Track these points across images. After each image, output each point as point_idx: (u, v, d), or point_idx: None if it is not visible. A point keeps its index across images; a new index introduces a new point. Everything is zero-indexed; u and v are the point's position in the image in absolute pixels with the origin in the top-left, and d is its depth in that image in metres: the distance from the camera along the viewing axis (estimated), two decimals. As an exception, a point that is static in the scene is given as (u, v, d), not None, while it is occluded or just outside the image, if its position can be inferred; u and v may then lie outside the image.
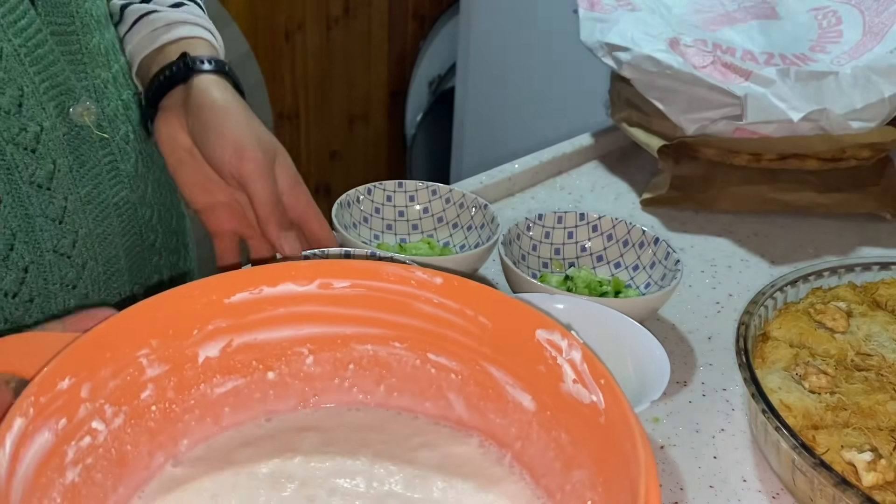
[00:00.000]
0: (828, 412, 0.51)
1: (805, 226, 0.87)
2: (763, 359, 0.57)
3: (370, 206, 0.75)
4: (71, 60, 0.57)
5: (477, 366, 0.42)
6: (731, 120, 0.84)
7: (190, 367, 0.41)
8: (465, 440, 0.43)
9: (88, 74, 0.59)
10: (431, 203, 0.77)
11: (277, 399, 0.44)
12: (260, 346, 0.42)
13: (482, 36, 1.93)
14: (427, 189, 0.77)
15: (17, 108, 0.53)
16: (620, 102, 0.97)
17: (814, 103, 0.80)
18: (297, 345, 0.43)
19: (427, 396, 0.44)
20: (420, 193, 0.77)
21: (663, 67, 0.85)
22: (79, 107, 0.57)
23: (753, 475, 0.52)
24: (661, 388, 0.50)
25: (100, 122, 0.59)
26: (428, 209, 0.77)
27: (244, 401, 0.43)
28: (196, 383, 0.41)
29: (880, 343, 0.58)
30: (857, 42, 0.86)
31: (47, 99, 0.55)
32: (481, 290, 0.40)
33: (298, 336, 0.43)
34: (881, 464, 0.47)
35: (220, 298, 0.40)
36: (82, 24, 0.58)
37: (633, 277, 0.71)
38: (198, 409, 0.42)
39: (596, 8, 0.94)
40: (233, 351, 0.42)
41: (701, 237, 0.84)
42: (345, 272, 0.41)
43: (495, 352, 0.41)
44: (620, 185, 0.95)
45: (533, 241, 0.73)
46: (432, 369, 0.43)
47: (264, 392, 0.43)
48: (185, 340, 0.40)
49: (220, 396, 0.42)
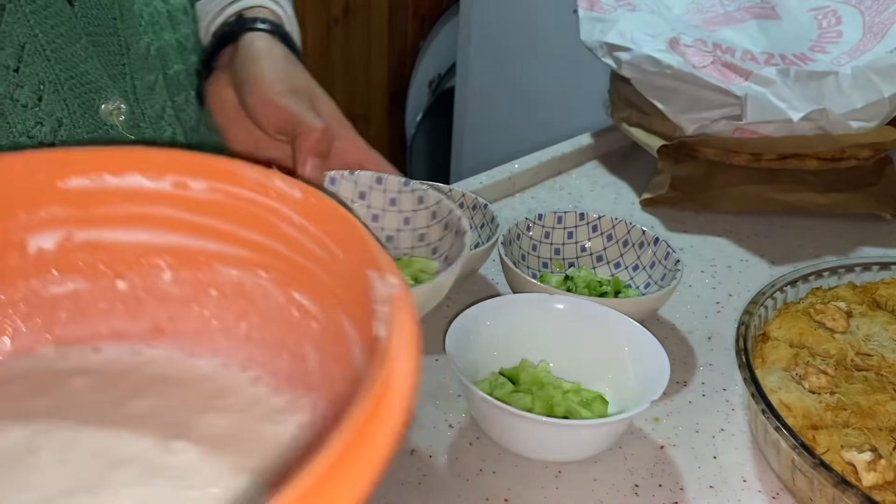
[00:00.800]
0: (828, 412, 0.51)
1: (805, 226, 0.87)
2: (763, 359, 0.57)
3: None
4: (107, 61, 0.57)
5: (334, 314, 0.33)
6: (731, 120, 0.84)
7: (17, 257, 0.36)
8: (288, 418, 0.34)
9: (129, 76, 0.58)
10: (431, 203, 0.77)
11: (127, 317, 0.38)
12: (108, 248, 0.37)
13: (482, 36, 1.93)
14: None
15: (35, 102, 0.53)
16: (620, 102, 0.97)
17: (814, 103, 0.80)
18: (154, 254, 0.37)
19: (286, 346, 0.36)
20: (420, 193, 0.77)
21: (663, 67, 0.85)
22: (109, 105, 0.56)
23: (753, 475, 0.52)
24: (661, 388, 0.50)
25: (137, 123, 0.59)
26: (428, 209, 0.77)
27: (86, 309, 0.38)
28: (24, 276, 0.36)
29: (880, 343, 0.58)
30: (857, 42, 0.86)
31: (72, 96, 0.54)
32: (335, 212, 0.33)
33: (155, 244, 0.37)
34: (881, 464, 0.47)
35: (50, 179, 0.35)
36: (127, 26, 0.58)
37: (632, 277, 0.71)
38: (24, 306, 0.36)
39: (596, 8, 0.94)
40: (74, 247, 0.36)
41: (701, 237, 0.84)
42: (200, 170, 0.36)
43: (347, 299, 0.32)
44: (620, 185, 0.95)
45: (533, 241, 0.73)
46: (296, 312, 0.35)
47: (111, 303, 0.38)
48: (8, 222, 0.35)
49: (55, 297, 0.37)
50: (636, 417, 0.55)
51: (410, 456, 0.51)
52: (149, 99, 0.60)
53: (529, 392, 0.54)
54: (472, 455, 0.52)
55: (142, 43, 0.59)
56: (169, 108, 0.62)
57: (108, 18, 0.56)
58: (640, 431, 0.55)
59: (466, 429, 0.54)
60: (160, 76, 0.61)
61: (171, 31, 0.63)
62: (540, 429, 0.49)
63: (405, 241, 0.59)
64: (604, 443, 0.51)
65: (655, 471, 0.52)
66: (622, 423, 0.50)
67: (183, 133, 0.64)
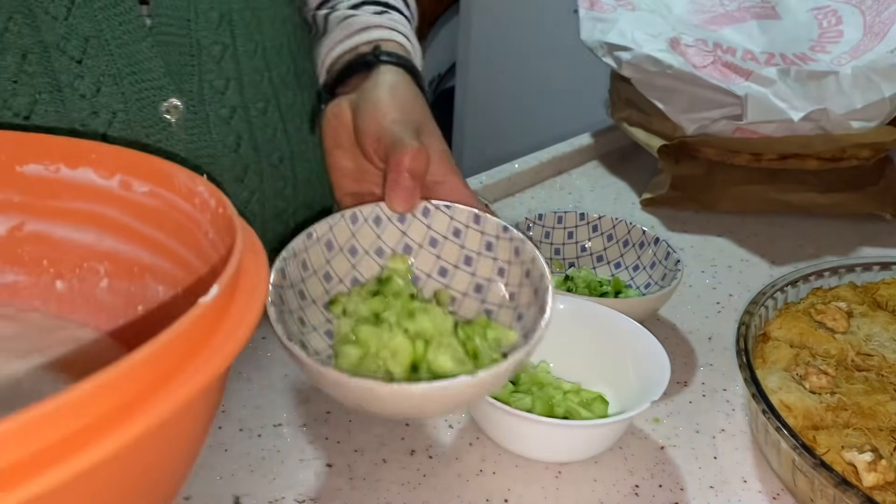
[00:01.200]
0: (828, 412, 0.51)
1: (805, 226, 0.87)
2: (763, 359, 0.57)
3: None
4: (175, 60, 0.58)
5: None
6: (732, 120, 0.84)
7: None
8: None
9: (196, 77, 0.59)
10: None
11: (58, 316, 0.39)
12: (56, 244, 0.38)
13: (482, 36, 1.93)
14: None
15: (94, 93, 0.55)
16: (620, 102, 0.97)
17: (814, 103, 0.80)
18: (96, 259, 0.38)
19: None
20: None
21: (663, 67, 0.84)
22: (166, 103, 0.58)
23: (754, 476, 0.52)
24: (662, 388, 0.50)
25: (198, 124, 0.60)
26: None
27: (20, 303, 0.38)
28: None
29: (881, 343, 0.58)
30: (858, 42, 0.85)
31: (131, 91, 0.56)
32: (235, 224, 0.34)
33: (99, 248, 0.38)
34: (881, 464, 0.47)
35: (10, 161, 0.36)
36: (201, 28, 0.59)
37: (633, 278, 0.71)
38: None
39: (596, 7, 0.93)
40: (23, 237, 0.37)
41: (701, 237, 0.84)
42: (144, 173, 0.37)
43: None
44: (620, 184, 0.95)
45: (533, 241, 0.73)
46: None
47: (46, 302, 0.38)
48: None
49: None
50: (636, 418, 0.55)
51: (410, 456, 0.51)
52: (217, 102, 0.61)
53: (529, 392, 0.54)
54: (472, 455, 0.52)
55: (215, 47, 0.60)
56: (240, 113, 0.63)
57: (182, 19, 0.58)
58: (641, 432, 0.55)
59: (466, 429, 0.54)
60: (233, 81, 0.62)
61: (250, 39, 0.63)
62: (540, 429, 0.49)
63: (493, 295, 0.51)
64: (604, 443, 0.51)
65: (656, 471, 0.52)
66: (622, 423, 0.50)
67: (252, 142, 0.64)
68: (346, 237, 0.51)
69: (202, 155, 0.61)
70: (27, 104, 0.53)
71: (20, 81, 0.53)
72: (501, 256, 0.51)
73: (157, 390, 0.24)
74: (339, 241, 0.50)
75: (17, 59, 0.53)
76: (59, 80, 0.54)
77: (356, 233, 0.51)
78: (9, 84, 0.53)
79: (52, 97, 0.54)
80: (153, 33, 0.56)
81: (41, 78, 0.53)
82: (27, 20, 0.52)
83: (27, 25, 0.52)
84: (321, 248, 0.49)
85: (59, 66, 0.53)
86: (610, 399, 0.55)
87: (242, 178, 0.64)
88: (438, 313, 0.47)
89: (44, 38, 0.53)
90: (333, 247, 0.50)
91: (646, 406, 0.49)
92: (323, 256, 0.49)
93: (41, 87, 0.54)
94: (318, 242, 0.49)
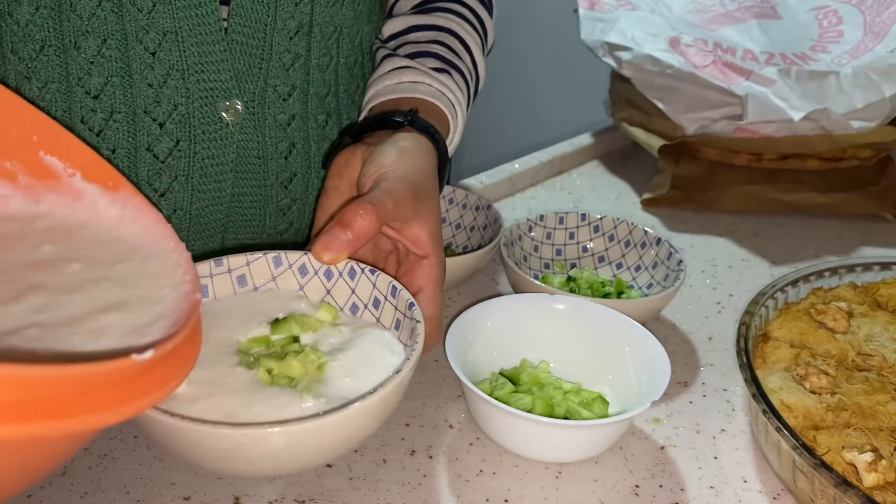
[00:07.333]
0: (828, 413, 0.51)
1: (806, 226, 0.87)
2: (764, 359, 0.57)
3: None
4: (244, 62, 0.60)
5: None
6: (732, 119, 0.84)
7: None
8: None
9: (262, 80, 0.61)
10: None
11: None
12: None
13: (482, 36, 1.92)
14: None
15: (160, 84, 0.58)
16: (621, 102, 0.97)
17: (814, 103, 0.80)
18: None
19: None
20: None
21: (664, 67, 0.85)
22: (226, 103, 0.60)
23: (754, 476, 0.52)
24: (662, 388, 0.50)
25: (255, 126, 0.61)
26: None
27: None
28: None
29: (881, 343, 0.58)
30: (858, 42, 0.86)
31: (195, 87, 0.59)
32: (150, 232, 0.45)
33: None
34: (882, 464, 0.47)
35: (36, 146, 0.44)
36: (278, 34, 0.60)
37: (635, 278, 0.71)
38: None
39: (596, 7, 0.94)
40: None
41: (701, 237, 0.84)
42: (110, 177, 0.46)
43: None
44: (621, 185, 0.95)
45: (534, 241, 0.73)
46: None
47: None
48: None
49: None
50: (637, 418, 0.55)
51: (410, 456, 0.51)
52: (277, 108, 0.62)
53: (530, 392, 0.54)
54: (472, 455, 0.52)
55: (287, 55, 0.61)
56: (299, 122, 0.64)
57: (260, 24, 0.59)
58: (641, 432, 0.55)
59: (466, 429, 0.54)
60: (297, 90, 0.63)
61: (326, 53, 0.64)
62: (540, 429, 0.49)
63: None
64: (604, 443, 0.51)
65: (656, 471, 0.52)
66: (623, 423, 0.50)
67: (306, 152, 0.65)
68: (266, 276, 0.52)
69: (252, 157, 0.62)
70: (99, 84, 0.57)
71: (96, 63, 0.57)
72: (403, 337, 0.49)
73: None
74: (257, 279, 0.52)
75: (98, 42, 0.56)
76: (131, 68, 0.57)
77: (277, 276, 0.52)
78: (86, 64, 0.57)
79: (123, 81, 0.57)
80: (228, 35, 0.58)
81: (116, 63, 0.57)
82: (115, 8, 0.56)
83: (113, 13, 0.56)
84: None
85: (133, 54, 0.57)
86: (610, 399, 0.55)
87: (287, 184, 0.65)
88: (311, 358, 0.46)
89: (125, 27, 0.56)
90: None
91: (646, 406, 0.49)
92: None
93: (114, 71, 0.57)
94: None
